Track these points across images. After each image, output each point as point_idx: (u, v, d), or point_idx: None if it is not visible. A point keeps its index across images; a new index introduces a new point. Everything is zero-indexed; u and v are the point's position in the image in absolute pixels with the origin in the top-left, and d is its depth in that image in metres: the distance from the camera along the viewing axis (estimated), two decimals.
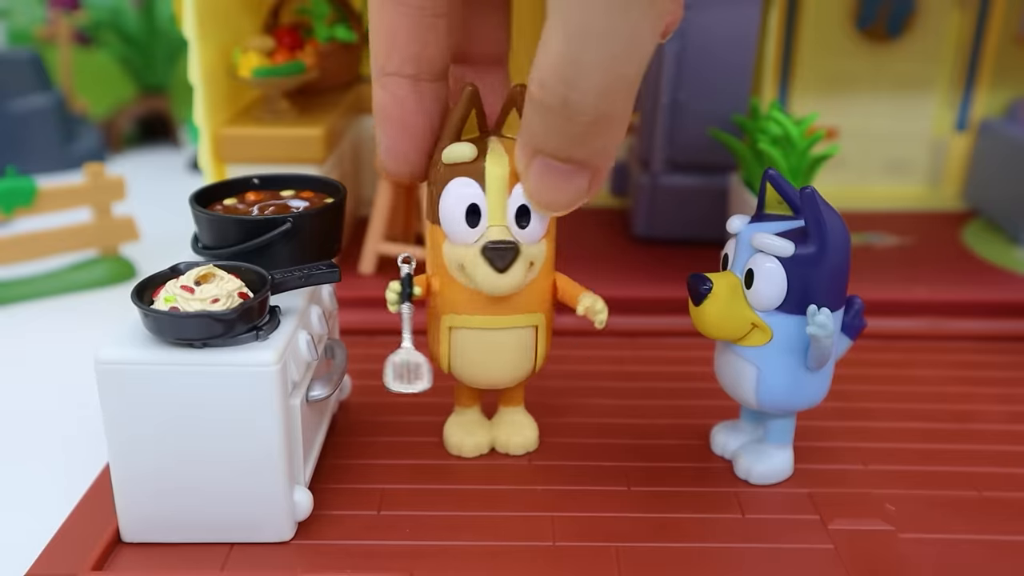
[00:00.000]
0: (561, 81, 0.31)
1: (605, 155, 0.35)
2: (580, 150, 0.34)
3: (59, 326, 0.68)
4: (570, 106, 0.32)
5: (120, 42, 1.18)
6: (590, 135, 0.33)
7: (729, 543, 0.41)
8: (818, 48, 0.81)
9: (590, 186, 0.36)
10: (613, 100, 0.32)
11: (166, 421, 0.38)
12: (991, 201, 0.79)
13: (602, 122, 0.32)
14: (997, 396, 0.54)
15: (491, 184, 0.40)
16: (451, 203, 0.40)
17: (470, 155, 0.40)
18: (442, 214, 0.41)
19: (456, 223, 0.40)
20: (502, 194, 0.40)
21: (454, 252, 0.41)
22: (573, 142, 0.33)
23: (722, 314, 0.41)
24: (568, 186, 0.35)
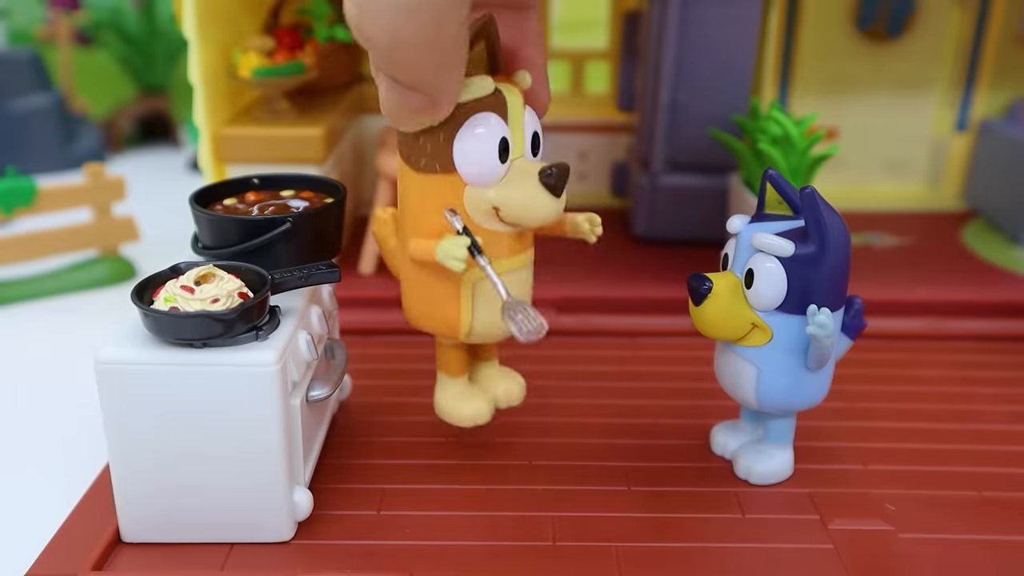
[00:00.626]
0: (353, 3, 0.30)
1: (433, 84, 0.34)
2: (401, 73, 0.33)
3: (59, 326, 0.68)
4: (367, 18, 0.30)
5: (120, 42, 1.18)
6: (400, 64, 0.32)
7: (729, 543, 0.41)
8: (818, 48, 0.81)
9: (433, 108, 0.35)
10: (414, 18, 0.30)
11: (166, 421, 0.38)
12: (991, 201, 0.79)
13: (404, 50, 0.31)
14: (997, 396, 0.54)
15: (514, 115, 0.38)
16: (479, 142, 0.37)
17: (490, 88, 0.38)
18: (466, 156, 0.38)
19: (486, 161, 0.38)
20: (521, 125, 0.39)
21: (482, 196, 0.38)
22: (389, 64, 0.32)
23: (722, 314, 0.41)
24: (407, 104, 0.35)
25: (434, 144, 0.38)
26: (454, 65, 0.34)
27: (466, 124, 0.37)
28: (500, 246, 0.40)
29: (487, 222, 0.39)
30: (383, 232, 0.44)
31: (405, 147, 0.39)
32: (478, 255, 0.38)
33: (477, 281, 0.40)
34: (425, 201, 0.39)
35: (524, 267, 0.42)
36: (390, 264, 0.45)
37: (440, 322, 0.42)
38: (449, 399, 0.45)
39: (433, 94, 0.35)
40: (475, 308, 0.41)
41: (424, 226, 0.40)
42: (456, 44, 0.33)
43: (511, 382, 0.46)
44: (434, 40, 0.31)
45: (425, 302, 0.42)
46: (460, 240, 0.38)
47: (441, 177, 0.38)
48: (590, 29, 1.00)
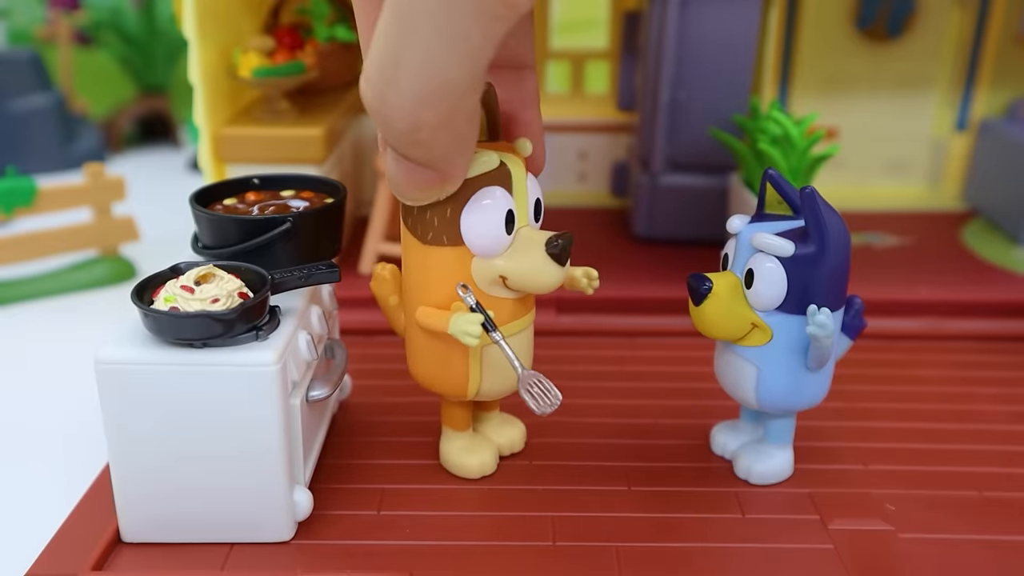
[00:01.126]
0: (381, 78, 0.30)
1: (445, 161, 0.34)
2: (415, 152, 0.33)
3: (59, 326, 0.68)
4: (387, 108, 0.30)
5: (120, 42, 1.18)
6: (416, 144, 0.32)
7: (729, 543, 0.41)
8: (818, 48, 0.81)
9: (442, 184, 0.35)
10: (432, 108, 0.30)
11: (166, 421, 0.38)
12: (991, 201, 0.79)
13: (424, 131, 0.31)
14: (997, 396, 0.54)
15: (518, 186, 0.39)
16: (486, 215, 0.38)
17: (496, 162, 0.38)
18: (473, 229, 0.38)
19: (493, 234, 0.38)
20: (525, 194, 0.40)
21: (490, 266, 0.39)
22: (405, 144, 0.32)
23: (722, 314, 0.41)
24: (418, 180, 0.35)
25: (441, 218, 0.38)
26: (467, 143, 0.34)
27: (473, 198, 0.38)
28: (504, 312, 0.40)
29: (493, 290, 0.40)
30: (384, 290, 0.44)
31: (410, 219, 0.40)
32: (493, 331, 0.39)
33: (485, 347, 0.41)
34: (431, 272, 0.40)
35: (526, 329, 0.43)
36: (391, 322, 0.45)
37: (448, 384, 0.43)
38: (455, 453, 0.46)
39: (445, 170, 0.35)
40: (483, 371, 0.42)
41: (431, 295, 0.40)
42: (471, 124, 0.33)
43: (513, 430, 0.47)
44: (450, 122, 0.32)
45: (432, 365, 0.43)
46: (474, 317, 0.38)
47: (449, 249, 0.39)
48: (590, 29, 1.00)
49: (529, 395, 0.40)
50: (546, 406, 0.40)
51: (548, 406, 0.40)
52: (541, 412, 0.40)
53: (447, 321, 0.39)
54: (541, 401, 0.40)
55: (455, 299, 0.40)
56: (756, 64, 0.76)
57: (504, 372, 0.42)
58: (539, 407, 0.40)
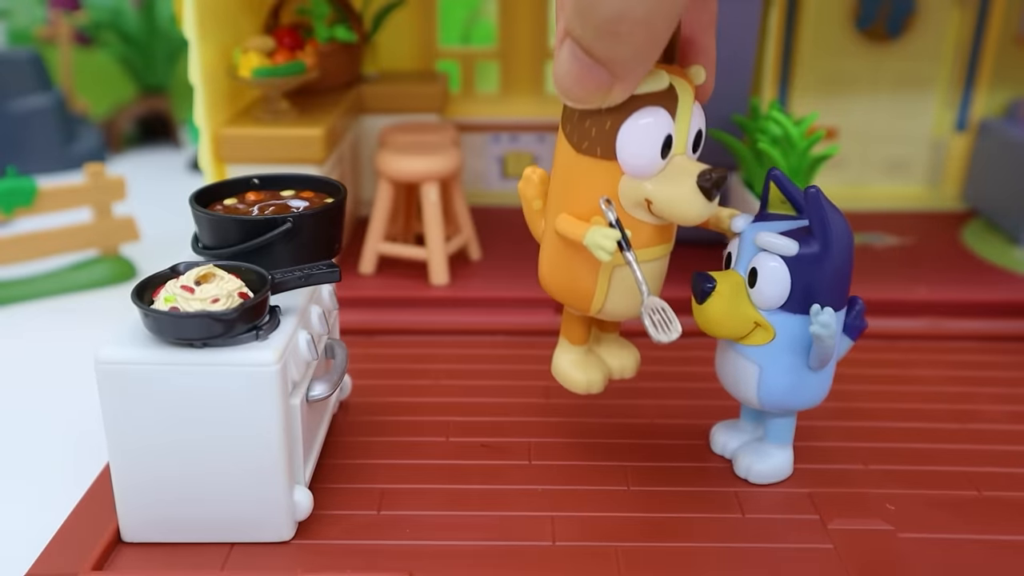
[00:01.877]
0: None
1: (627, 65, 0.33)
2: (602, 47, 0.32)
3: (59, 326, 0.68)
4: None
5: (120, 42, 1.18)
6: (614, 36, 0.32)
7: (729, 543, 0.41)
8: (818, 48, 0.81)
9: (610, 88, 0.35)
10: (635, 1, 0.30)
11: (166, 421, 0.38)
12: (991, 201, 0.79)
13: (627, 22, 0.31)
14: (997, 396, 0.54)
15: (683, 112, 0.38)
16: (643, 134, 0.37)
17: (665, 83, 0.37)
18: (629, 147, 0.37)
19: (648, 155, 0.38)
20: (688, 122, 0.39)
21: (637, 187, 0.38)
22: (598, 37, 0.32)
23: (725, 312, 0.41)
24: (588, 80, 0.34)
25: (599, 129, 0.38)
26: (655, 48, 0.33)
27: (634, 115, 0.37)
28: (642, 236, 0.40)
29: (636, 212, 0.39)
30: (530, 193, 0.44)
31: (569, 125, 0.39)
32: (627, 250, 0.39)
33: (616, 266, 0.41)
34: (579, 181, 0.39)
35: (661, 258, 0.42)
36: (531, 225, 0.45)
37: (573, 295, 0.42)
38: (568, 365, 0.45)
39: (622, 74, 0.34)
40: (610, 290, 0.41)
41: (575, 204, 0.40)
42: (667, 28, 0.33)
43: (628, 356, 0.47)
44: (652, 19, 0.31)
45: (562, 274, 0.42)
46: (611, 232, 0.38)
47: (600, 162, 0.38)
48: None
49: (650, 321, 0.39)
50: (664, 335, 0.38)
51: (667, 335, 0.38)
52: (659, 340, 0.38)
53: (584, 232, 0.38)
54: (660, 329, 0.38)
55: (597, 212, 0.39)
56: (756, 64, 0.76)
57: (630, 295, 0.41)
58: (657, 335, 0.38)
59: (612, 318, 0.43)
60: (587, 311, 0.42)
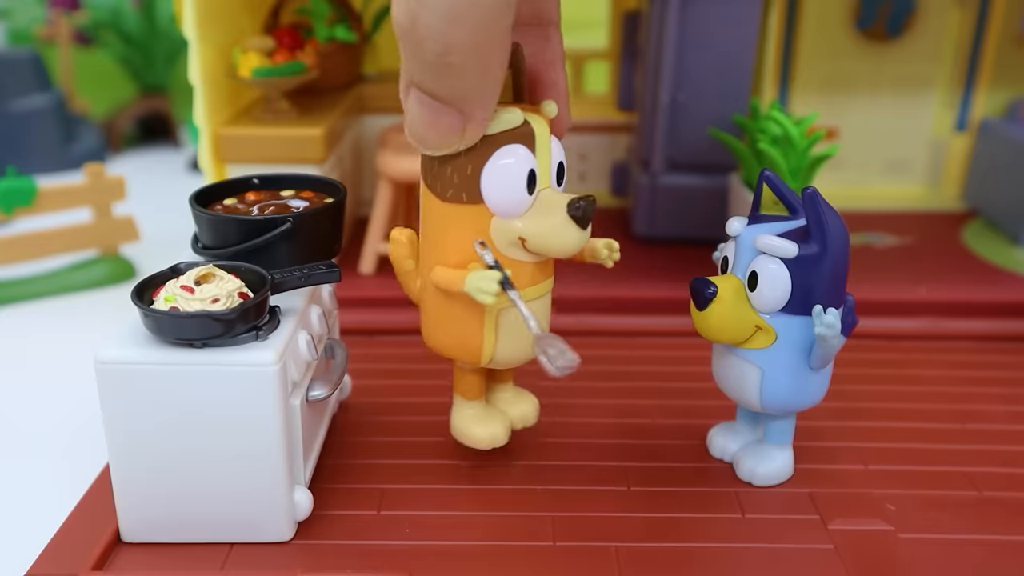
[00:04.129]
0: (405, 13, 0.30)
1: (470, 98, 0.34)
2: (441, 86, 0.33)
3: (59, 326, 0.68)
4: (419, 28, 0.31)
5: (120, 42, 1.18)
6: (447, 69, 0.32)
7: (729, 543, 0.41)
8: (818, 48, 0.81)
9: (462, 129, 0.35)
10: (463, 26, 0.31)
11: (166, 421, 0.38)
12: (991, 201, 0.79)
13: (455, 54, 0.31)
14: (997, 396, 0.54)
15: (541, 146, 0.38)
16: (507, 173, 0.37)
17: (520, 120, 0.37)
18: (494, 188, 0.37)
19: (514, 193, 0.37)
20: (548, 155, 0.39)
21: (509, 226, 0.38)
22: (434, 75, 0.32)
23: (727, 318, 0.41)
24: (439, 123, 0.34)
25: (461, 175, 0.38)
26: (494, 80, 0.34)
27: (494, 155, 0.37)
28: (523, 276, 0.40)
29: (512, 252, 0.39)
30: (400, 254, 0.44)
31: (430, 176, 0.39)
32: (509, 289, 0.38)
33: (501, 310, 0.40)
34: (449, 230, 0.39)
35: (545, 295, 0.42)
36: (406, 287, 0.44)
37: (461, 348, 0.42)
38: (467, 422, 0.45)
39: (468, 112, 0.34)
40: (499, 336, 0.41)
41: (448, 255, 0.40)
42: (500, 55, 0.33)
43: (527, 404, 0.47)
44: (480, 48, 0.32)
45: (446, 328, 0.42)
46: (491, 274, 0.37)
47: (467, 207, 0.38)
48: (590, 29, 1.00)
49: (545, 356, 0.38)
50: (562, 368, 0.38)
51: (564, 368, 0.38)
52: (558, 373, 0.38)
53: (463, 279, 0.38)
54: (557, 362, 0.38)
55: (472, 260, 0.39)
56: (756, 64, 0.76)
57: (520, 338, 0.41)
58: (555, 367, 0.38)
59: (504, 365, 0.43)
60: (478, 362, 0.42)
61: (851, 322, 0.44)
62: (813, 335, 0.40)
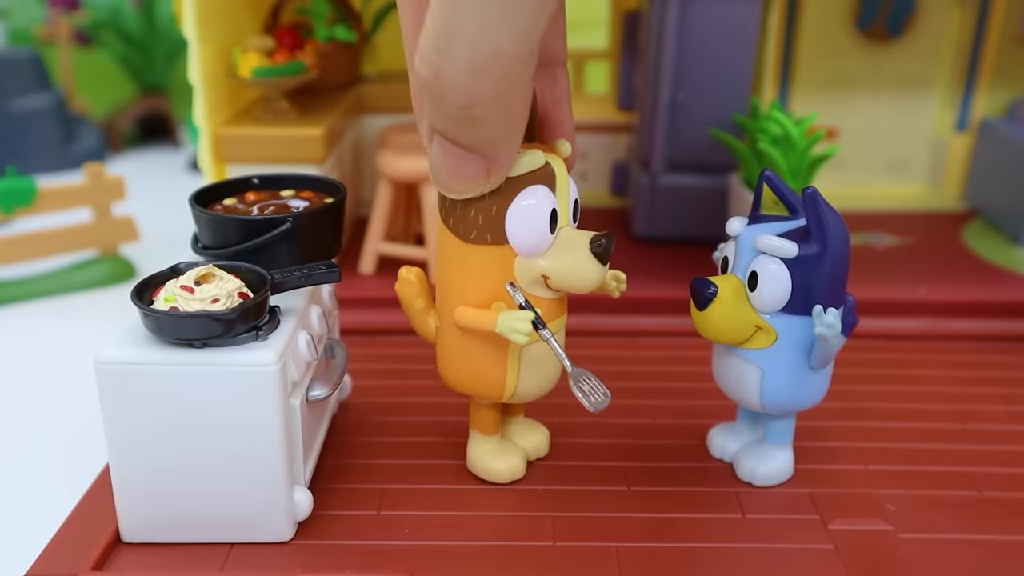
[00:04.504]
0: (436, 51, 0.30)
1: (495, 147, 0.34)
2: (465, 134, 0.33)
3: (59, 326, 0.68)
4: (443, 82, 0.31)
5: (120, 42, 1.18)
6: (470, 120, 0.32)
7: (729, 543, 0.41)
8: (818, 48, 0.81)
9: (488, 175, 0.35)
10: (486, 79, 0.30)
11: (166, 421, 0.38)
12: (991, 201, 0.79)
13: (478, 106, 0.31)
14: (997, 396, 0.54)
15: (561, 186, 0.39)
16: (531, 214, 0.38)
17: (541, 161, 0.38)
18: (519, 228, 0.38)
19: (538, 233, 0.38)
20: (567, 194, 0.40)
21: (532, 265, 0.39)
22: (457, 125, 0.32)
23: (727, 318, 0.41)
24: (464, 170, 0.35)
25: (486, 217, 0.38)
26: (516, 127, 0.34)
27: (518, 196, 0.38)
28: (544, 311, 0.40)
29: (533, 289, 0.40)
30: (410, 293, 0.44)
31: (451, 219, 0.39)
32: (542, 328, 0.39)
33: (524, 347, 0.41)
34: (472, 271, 0.40)
35: (561, 329, 0.42)
36: (417, 326, 0.45)
37: (483, 385, 0.42)
38: (485, 456, 0.45)
39: (492, 157, 0.35)
40: (521, 371, 0.42)
41: (471, 295, 0.40)
42: (523, 104, 0.33)
43: (539, 435, 0.47)
44: (503, 98, 0.32)
45: (468, 366, 0.42)
46: (524, 314, 0.38)
47: (492, 248, 0.39)
48: (590, 29, 1.00)
49: (581, 392, 0.39)
50: (598, 404, 0.39)
51: (600, 403, 0.39)
52: (594, 408, 0.39)
53: (493, 320, 0.39)
54: (593, 398, 0.39)
55: (494, 299, 0.40)
56: (756, 64, 0.76)
57: (541, 373, 0.42)
58: (591, 404, 0.39)
59: (525, 399, 0.43)
60: (500, 398, 0.43)
61: (851, 322, 0.44)
62: (813, 335, 0.40)
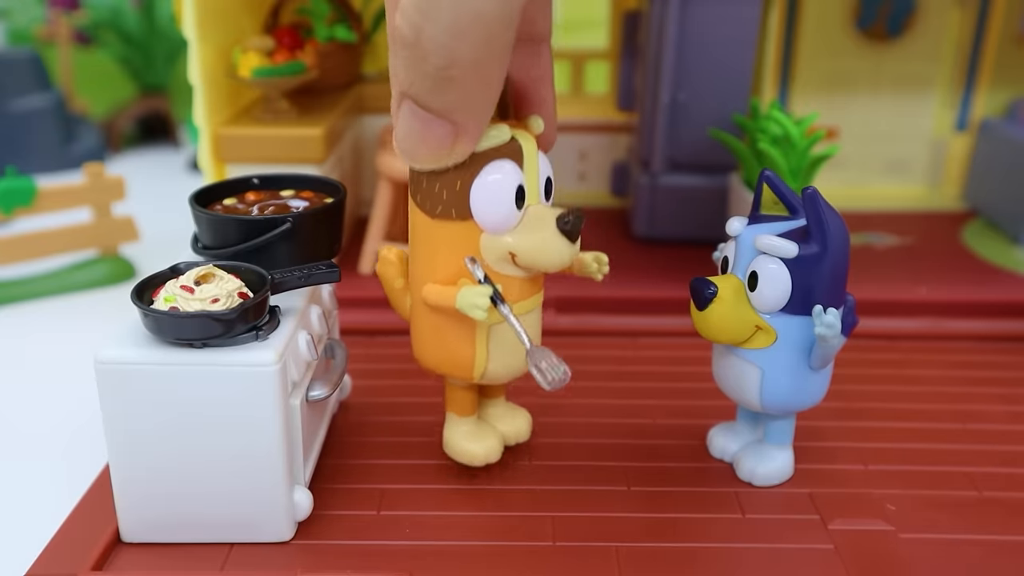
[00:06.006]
0: (418, 10, 0.30)
1: (466, 111, 0.34)
2: (439, 99, 0.33)
3: (59, 326, 0.68)
4: (423, 41, 0.31)
5: (120, 42, 1.18)
6: (448, 81, 0.32)
7: (729, 543, 0.41)
8: (818, 48, 0.81)
9: (453, 143, 0.35)
10: (465, 40, 0.31)
11: (166, 421, 0.38)
12: (991, 201, 0.79)
13: (457, 67, 0.31)
14: (997, 396, 0.54)
15: (529, 162, 0.39)
16: (496, 189, 0.37)
17: (507, 136, 0.38)
18: (483, 203, 0.38)
19: (503, 209, 0.38)
20: (536, 171, 0.39)
21: (498, 242, 0.38)
22: (433, 87, 0.32)
23: (727, 318, 0.41)
24: (430, 135, 0.34)
25: (450, 191, 0.38)
26: (491, 94, 0.34)
27: (483, 171, 0.37)
28: (513, 290, 0.40)
29: (502, 267, 0.39)
30: (390, 273, 0.44)
31: (419, 194, 0.39)
32: (501, 304, 0.38)
33: (492, 325, 0.41)
34: (439, 247, 0.39)
35: (535, 309, 0.42)
36: (396, 306, 0.45)
37: (453, 364, 0.42)
38: (460, 439, 0.45)
39: (462, 123, 0.34)
40: (490, 350, 0.41)
41: (438, 271, 0.40)
42: (499, 71, 0.33)
43: (519, 419, 0.47)
44: (482, 62, 0.32)
45: (438, 345, 0.42)
46: (482, 289, 0.38)
47: (456, 224, 0.38)
48: (590, 29, 1.00)
49: (537, 370, 0.38)
50: (555, 382, 0.38)
51: (557, 382, 0.38)
52: (551, 387, 0.38)
53: (454, 295, 0.38)
54: (549, 375, 0.38)
55: (461, 276, 0.39)
56: (756, 64, 0.76)
57: (511, 353, 0.41)
58: (547, 382, 0.38)
59: (496, 380, 0.43)
60: (470, 378, 0.42)
61: (851, 322, 0.44)
62: (813, 335, 0.40)
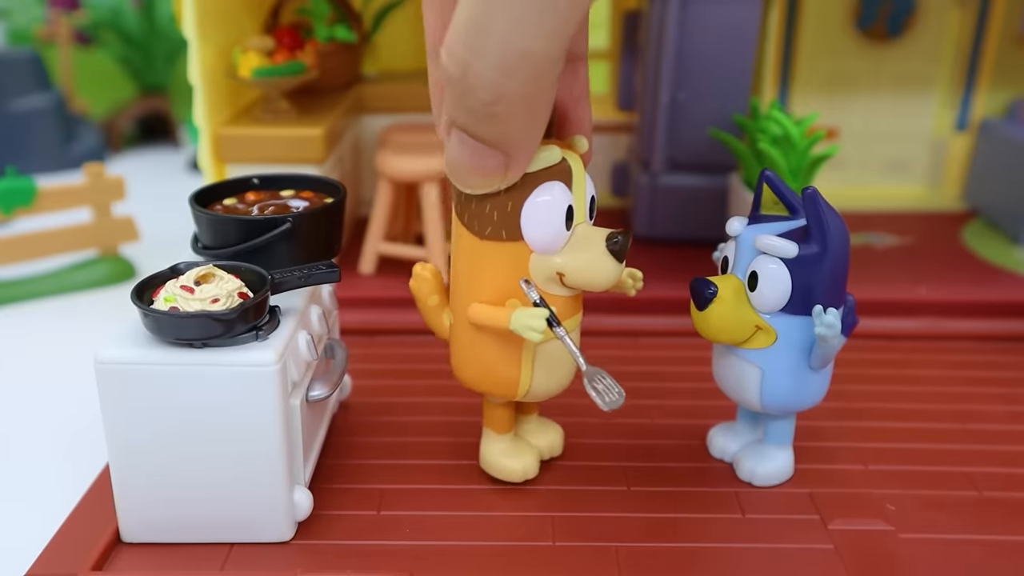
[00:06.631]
0: (465, 47, 0.30)
1: (516, 144, 0.34)
2: (487, 130, 0.33)
3: (59, 326, 0.68)
4: (470, 77, 0.30)
5: (120, 42, 1.18)
6: (494, 117, 0.32)
7: (729, 543, 0.41)
8: (818, 48, 0.81)
9: (506, 171, 0.35)
10: (514, 78, 0.30)
11: (166, 421, 0.38)
12: (991, 201, 0.79)
13: (504, 103, 0.31)
14: (997, 396, 0.54)
15: (578, 182, 0.39)
16: (546, 210, 0.37)
17: (558, 157, 0.38)
18: (534, 224, 0.38)
19: (554, 229, 0.38)
20: (584, 191, 0.39)
21: (547, 262, 0.38)
22: (480, 121, 0.32)
23: (727, 318, 0.41)
24: (482, 165, 0.34)
25: (501, 213, 0.38)
26: (539, 124, 0.34)
27: (534, 192, 0.37)
28: (558, 309, 0.40)
29: (549, 287, 0.39)
30: (424, 290, 0.43)
31: (467, 215, 0.39)
32: (556, 326, 0.38)
33: (539, 344, 0.40)
34: (487, 267, 0.39)
35: (576, 328, 0.42)
36: (429, 322, 0.44)
37: (496, 383, 0.42)
38: (499, 455, 0.45)
39: (512, 153, 0.34)
40: (535, 370, 0.41)
41: (485, 291, 0.40)
42: (547, 103, 0.33)
43: (552, 433, 0.47)
44: (530, 97, 0.32)
45: (481, 364, 0.42)
46: (538, 312, 0.38)
47: (506, 245, 0.38)
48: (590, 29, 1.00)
49: (595, 391, 0.39)
50: (612, 403, 0.39)
51: (614, 402, 0.39)
52: (608, 408, 0.39)
53: (507, 317, 0.38)
54: (607, 396, 0.39)
55: (509, 296, 0.39)
56: (756, 64, 0.76)
57: (555, 371, 0.42)
58: (605, 403, 0.39)
59: (539, 398, 0.43)
60: (514, 396, 0.42)
61: (851, 322, 0.44)
62: (813, 335, 0.40)
